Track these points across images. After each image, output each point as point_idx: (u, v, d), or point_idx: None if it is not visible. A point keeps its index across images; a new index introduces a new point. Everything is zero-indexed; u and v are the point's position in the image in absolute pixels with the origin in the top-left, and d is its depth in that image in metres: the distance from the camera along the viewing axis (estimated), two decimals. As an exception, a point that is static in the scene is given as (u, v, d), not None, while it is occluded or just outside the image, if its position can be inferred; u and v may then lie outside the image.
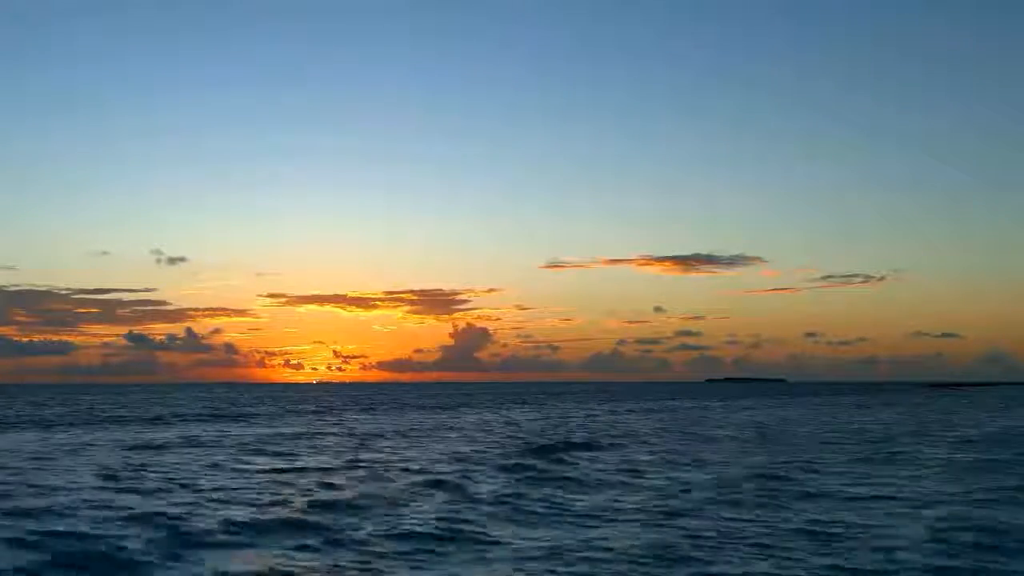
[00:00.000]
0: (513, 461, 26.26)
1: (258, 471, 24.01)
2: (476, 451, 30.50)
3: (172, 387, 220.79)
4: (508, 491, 19.82)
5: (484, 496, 19.17)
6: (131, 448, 31.83)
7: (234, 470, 24.19)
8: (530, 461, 26.30)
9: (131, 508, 17.13)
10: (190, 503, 17.93)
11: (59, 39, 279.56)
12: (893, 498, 19.12)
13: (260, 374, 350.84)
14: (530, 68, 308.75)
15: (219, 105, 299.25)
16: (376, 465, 25.43)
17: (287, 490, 20.03)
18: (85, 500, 18.24)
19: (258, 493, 19.55)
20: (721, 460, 27.54)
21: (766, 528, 15.48)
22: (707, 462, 26.91)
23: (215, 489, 20.02)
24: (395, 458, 27.94)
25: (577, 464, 26.13)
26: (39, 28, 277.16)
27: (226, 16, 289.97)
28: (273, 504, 17.96)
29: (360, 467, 24.92)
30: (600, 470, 24.65)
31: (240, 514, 16.55)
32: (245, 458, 27.89)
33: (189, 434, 39.93)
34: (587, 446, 33.19)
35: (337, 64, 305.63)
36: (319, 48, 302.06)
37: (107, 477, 22.35)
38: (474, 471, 23.78)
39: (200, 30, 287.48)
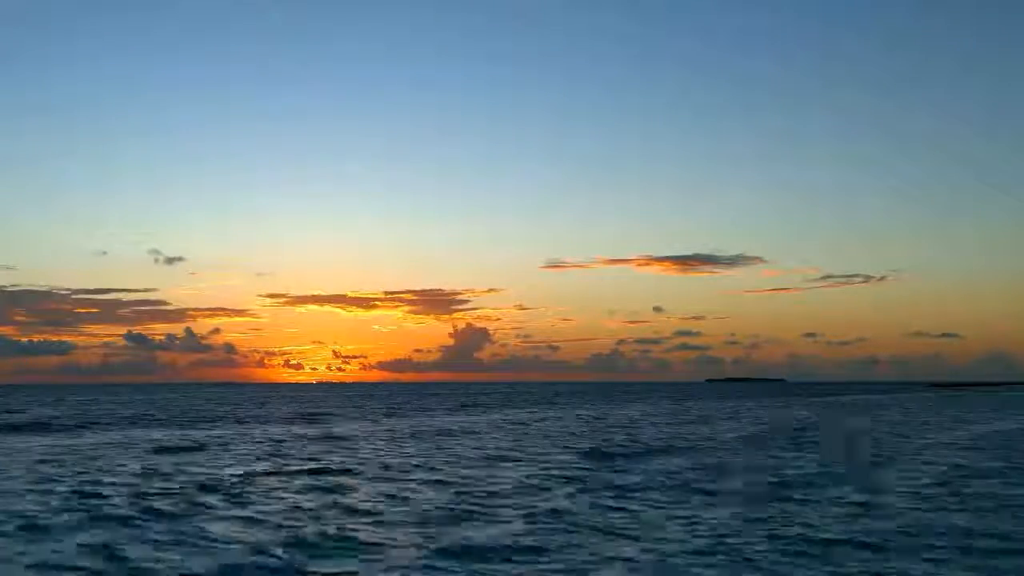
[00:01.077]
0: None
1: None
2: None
3: (198, 387, 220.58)
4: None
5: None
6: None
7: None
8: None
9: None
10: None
11: (59, 39, 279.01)
12: None
13: (260, 374, 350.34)
14: (530, 68, 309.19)
15: (219, 105, 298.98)
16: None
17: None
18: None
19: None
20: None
21: None
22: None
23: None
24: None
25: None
26: (39, 29, 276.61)
27: (225, 16, 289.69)
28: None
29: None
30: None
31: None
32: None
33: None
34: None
35: (337, 64, 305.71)
36: (319, 47, 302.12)
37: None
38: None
39: (199, 30, 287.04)
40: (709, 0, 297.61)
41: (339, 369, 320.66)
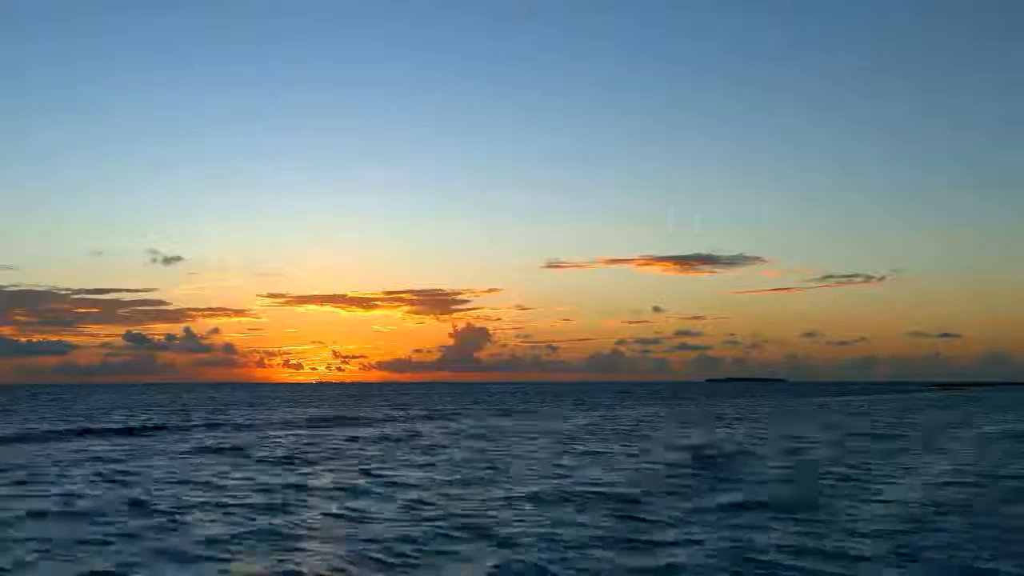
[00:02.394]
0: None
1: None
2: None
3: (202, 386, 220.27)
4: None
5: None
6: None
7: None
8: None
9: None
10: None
11: (59, 39, 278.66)
12: None
13: (260, 374, 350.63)
14: (530, 67, 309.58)
15: (219, 105, 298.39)
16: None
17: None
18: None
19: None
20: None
21: None
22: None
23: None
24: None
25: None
26: (38, 29, 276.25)
27: (225, 16, 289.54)
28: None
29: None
30: None
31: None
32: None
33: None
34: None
35: (337, 64, 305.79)
36: (319, 48, 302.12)
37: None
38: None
39: (199, 30, 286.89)
40: (708, 0, 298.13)
41: (339, 369, 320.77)
